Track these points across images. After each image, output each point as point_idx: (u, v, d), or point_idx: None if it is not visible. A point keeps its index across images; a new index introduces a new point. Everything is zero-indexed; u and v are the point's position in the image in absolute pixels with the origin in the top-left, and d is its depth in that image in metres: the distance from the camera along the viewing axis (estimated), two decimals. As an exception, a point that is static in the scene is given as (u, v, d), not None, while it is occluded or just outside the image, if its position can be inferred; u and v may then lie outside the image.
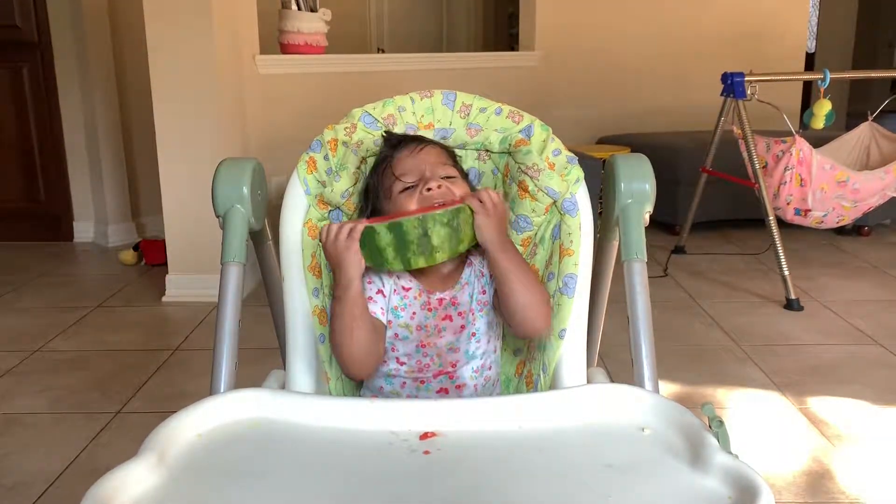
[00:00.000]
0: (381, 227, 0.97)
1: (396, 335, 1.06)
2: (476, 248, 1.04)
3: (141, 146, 3.95)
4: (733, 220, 3.91)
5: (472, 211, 0.99)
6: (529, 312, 1.01)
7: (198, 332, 2.66)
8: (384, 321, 1.05)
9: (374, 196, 1.10)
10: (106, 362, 2.42)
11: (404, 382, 1.07)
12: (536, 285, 1.03)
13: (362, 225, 0.98)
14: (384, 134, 1.12)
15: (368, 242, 0.98)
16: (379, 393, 1.10)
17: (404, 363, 1.07)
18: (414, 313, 1.06)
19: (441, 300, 1.07)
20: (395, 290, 1.07)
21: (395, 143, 1.09)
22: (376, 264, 0.99)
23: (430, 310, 1.06)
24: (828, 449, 1.82)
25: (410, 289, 1.07)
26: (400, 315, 1.06)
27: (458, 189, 1.05)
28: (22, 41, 3.79)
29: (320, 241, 1.01)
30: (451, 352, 1.06)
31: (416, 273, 1.07)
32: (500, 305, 1.04)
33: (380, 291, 1.06)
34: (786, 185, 2.91)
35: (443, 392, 1.07)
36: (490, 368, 1.11)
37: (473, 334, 1.07)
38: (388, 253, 0.98)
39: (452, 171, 1.07)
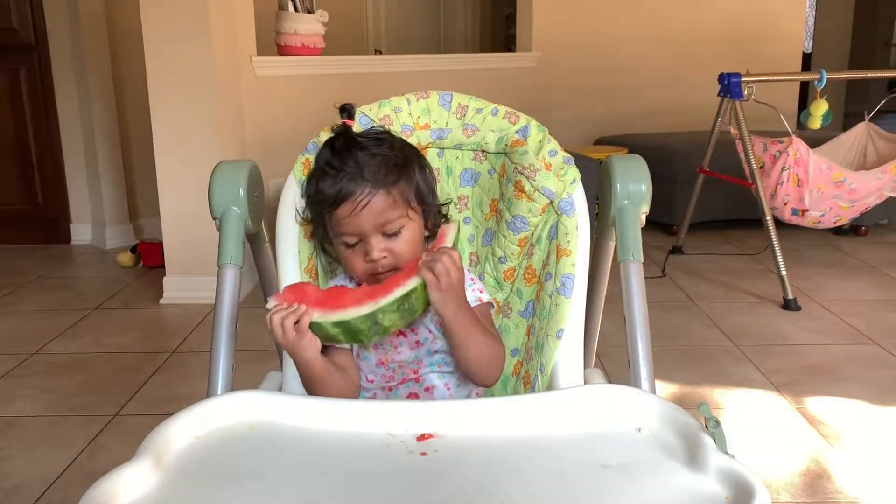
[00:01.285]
0: (327, 323, 0.95)
1: (359, 355, 1.07)
2: None
3: (138, 148, 3.95)
4: (731, 220, 3.92)
5: (423, 285, 0.94)
6: (482, 371, 1.02)
7: (195, 335, 2.66)
8: (349, 346, 1.05)
9: (319, 226, 1.07)
10: (103, 365, 2.42)
11: (374, 394, 1.08)
12: (490, 346, 1.01)
13: (308, 317, 0.94)
14: (322, 183, 1.01)
15: (318, 331, 0.96)
16: None
17: (373, 380, 1.07)
18: None
19: None
20: None
21: (332, 202, 0.99)
22: (327, 343, 0.98)
23: None
24: (825, 449, 1.82)
25: None
26: None
27: (406, 246, 1.01)
28: (19, 44, 3.78)
29: (269, 328, 0.95)
30: (412, 365, 1.06)
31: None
32: (454, 359, 1.04)
33: None
34: (783, 186, 2.91)
35: (413, 397, 1.06)
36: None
37: (436, 351, 1.06)
38: (340, 338, 0.97)
39: (398, 222, 1.00)
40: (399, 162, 1.02)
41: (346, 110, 1.07)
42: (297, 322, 0.94)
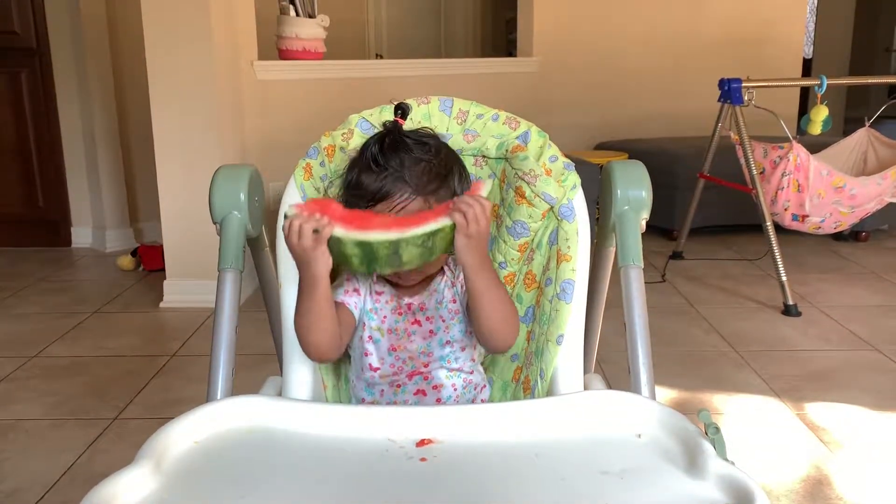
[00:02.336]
0: (349, 240, 0.91)
1: (370, 337, 1.07)
2: (449, 254, 1.00)
3: (139, 152, 3.96)
4: (731, 225, 3.92)
5: (451, 228, 0.93)
6: (498, 332, 1.00)
7: (195, 338, 2.66)
8: (356, 316, 1.07)
9: (345, 201, 1.06)
10: (103, 368, 2.41)
11: (382, 390, 1.08)
12: (508, 305, 1.01)
13: (329, 229, 0.91)
14: (369, 164, 1.01)
15: (332, 246, 0.92)
16: (361, 403, 1.10)
17: (378, 367, 1.07)
18: (385, 317, 1.08)
19: (410, 305, 1.08)
20: (369, 294, 1.08)
21: (370, 198, 1.00)
22: (339, 264, 0.96)
23: (399, 314, 1.08)
24: (826, 455, 1.82)
25: (382, 293, 1.08)
26: (372, 318, 1.08)
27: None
28: (20, 47, 3.79)
29: (283, 232, 0.93)
30: (423, 355, 1.07)
31: (389, 279, 1.08)
32: (470, 319, 1.03)
33: (356, 290, 1.08)
34: (783, 191, 2.91)
35: (420, 394, 1.07)
36: (471, 373, 1.10)
37: (448, 342, 1.07)
38: (353, 260, 0.93)
39: None
40: (441, 171, 1.02)
41: (401, 108, 1.07)
42: (315, 231, 0.91)
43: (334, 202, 0.98)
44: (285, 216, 0.93)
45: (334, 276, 1.06)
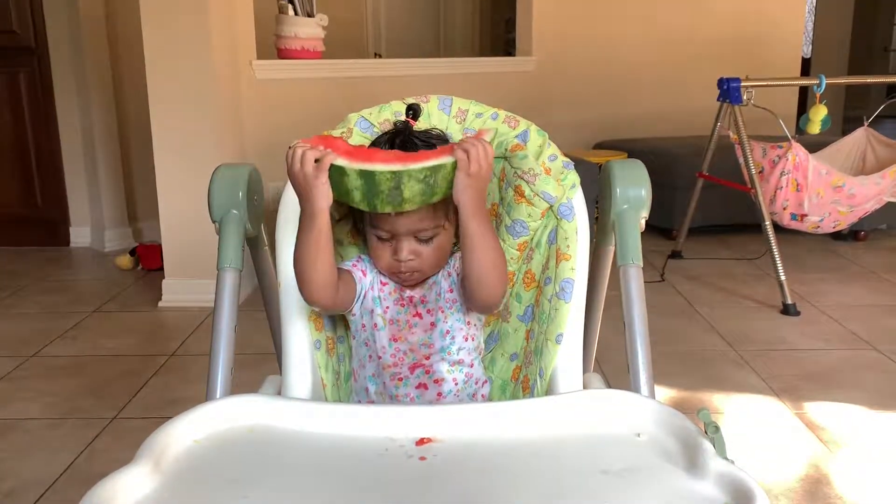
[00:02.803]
0: (351, 170, 0.91)
1: (375, 325, 1.08)
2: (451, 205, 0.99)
3: (138, 151, 3.95)
4: (730, 224, 3.92)
5: (453, 166, 0.93)
6: (487, 278, 0.98)
7: (194, 338, 2.66)
8: (357, 287, 1.07)
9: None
10: (102, 367, 2.41)
11: (384, 382, 1.08)
12: (499, 252, 1.00)
13: (331, 158, 0.91)
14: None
15: (335, 178, 0.92)
16: (365, 395, 1.11)
17: (381, 356, 1.08)
18: (388, 307, 1.09)
19: (411, 298, 1.09)
20: (375, 281, 1.09)
21: None
22: (339, 199, 0.95)
23: (402, 305, 1.09)
24: (825, 454, 1.82)
25: (387, 284, 1.09)
26: (378, 304, 1.09)
27: (435, 253, 1.04)
28: (19, 46, 3.78)
29: (287, 161, 0.93)
30: (424, 346, 1.07)
31: (392, 278, 1.09)
32: (462, 271, 1.01)
33: (364, 271, 1.08)
34: (782, 190, 2.92)
35: (422, 388, 1.07)
36: (472, 366, 1.11)
37: (447, 332, 1.07)
38: (354, 195, 0.93)
39: (433, 231, 1.02)
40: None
41: (413, 109, 1.07)
42: (317, 161, 0.91)
43: (340, 139, 0.97)
44: (289, 147, 0.92)
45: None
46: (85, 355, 2.52)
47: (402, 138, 1.03)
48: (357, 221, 1.11)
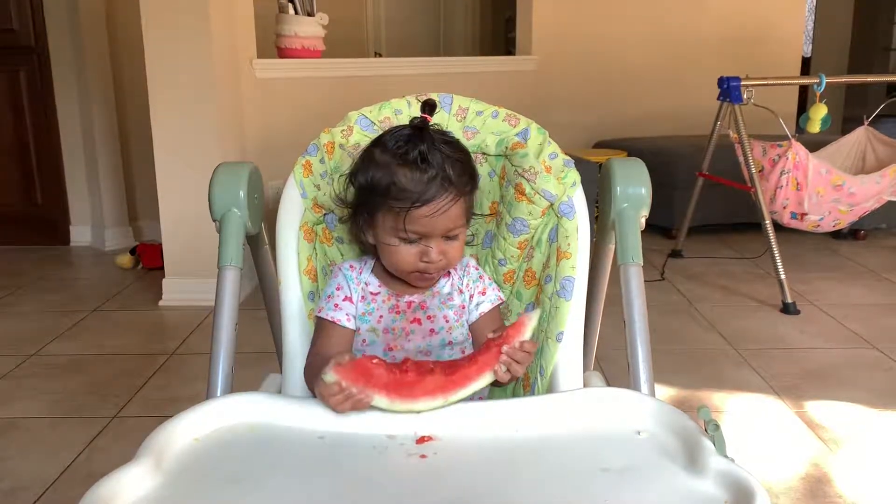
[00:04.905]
0: (393, 410, 0.89)
1: (364, 341, 1.07)
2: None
3: (138, 150, 3.95)
4: (730, 223, 3.92)
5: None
6: None
7: (195, 336, 2.66)
8: (352, 328, 1.06)
9: (364, 212, 1.04)
10: (103, 366, 2.41)
11: None
12: None
13: (368, 401, 0.87)
14: (417, 161, 0.97)
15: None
16: None
17: None
18: (381, 317, 1.07)
19: (410, 303, 1.07)
20: (362, 297, 1.07)
21: (415, 200, 0.96)
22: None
23: (397, 312, 1.07)
24: (825, 453, 1.82)
25: (378, 293, 1.07)
26: (367, 320, 1.06)
27: (459, 250, 1.03)
28: (19, 45, 3.79)
29: (318, 392, 0.90)
30: (422, 354, 1.06)
31: (385, 278, 1.08)
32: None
33: (347, 298, 1.06)
34: (782, 189, 2.92)
35: None
36: None
37: (450, 342, 1.06)
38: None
39: (460, 228, 1.02)
40: (473, 170, 1.04)
41: (429, 105, 1.06)
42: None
43: (377, 365, 0.89)
44: (322, 380, 0.87)
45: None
46: (85, 354, 2.52)
47: (425, 136, 0.98)
48: (361, 224, 1.06)
